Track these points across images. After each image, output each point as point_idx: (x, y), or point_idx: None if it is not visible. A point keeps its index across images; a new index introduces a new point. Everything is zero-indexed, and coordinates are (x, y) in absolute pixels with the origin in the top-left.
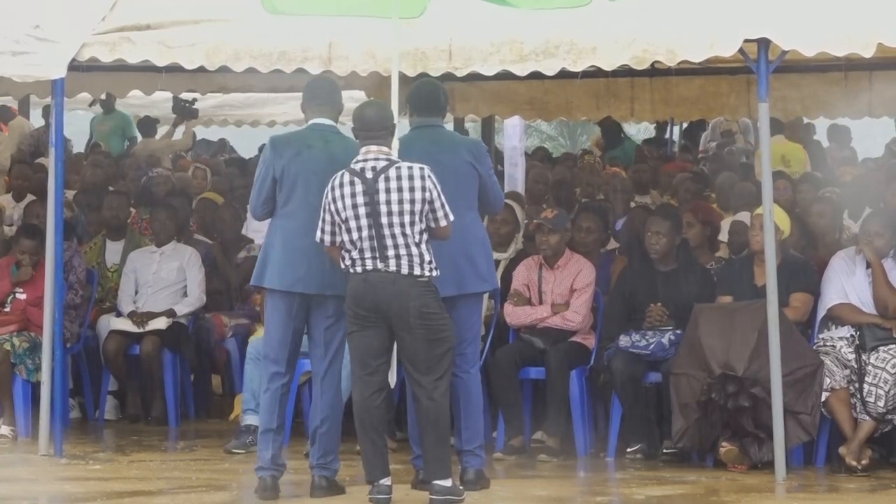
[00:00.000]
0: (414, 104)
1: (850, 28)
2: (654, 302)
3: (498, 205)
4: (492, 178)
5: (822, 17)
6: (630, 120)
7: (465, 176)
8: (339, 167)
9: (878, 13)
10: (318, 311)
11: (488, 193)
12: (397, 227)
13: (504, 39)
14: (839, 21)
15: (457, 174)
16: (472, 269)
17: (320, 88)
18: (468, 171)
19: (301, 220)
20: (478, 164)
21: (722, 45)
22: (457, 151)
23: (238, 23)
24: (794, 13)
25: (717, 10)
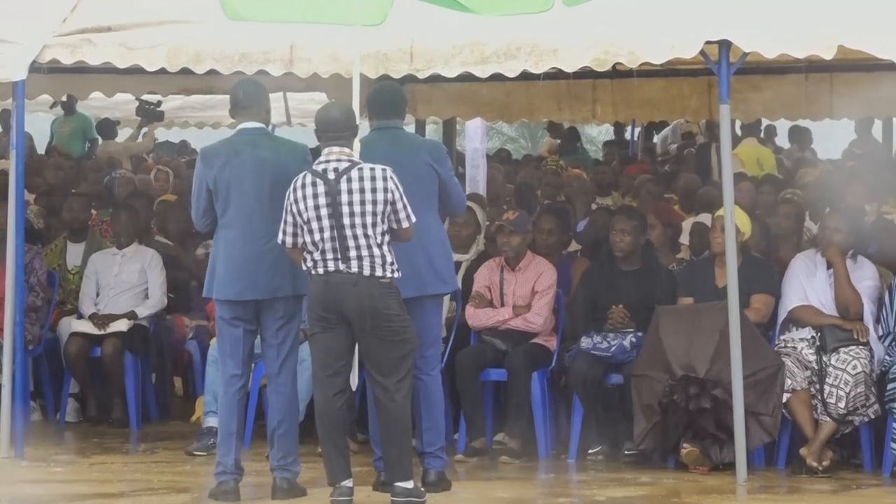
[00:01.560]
0: (373, 106)
1: (811, 30)
2: (616, 303)
3: (459, 207)
4: (452, 180)
5: (782, 20)
6: (592, 121)
7: (425, 177)
8: (270, 171)
9: (838, 15)
10: (268, 314)
11: (450, 195)
12: (359, 228)
13: (466, 41)
14: (800, 23)
15: (416, 176)
16: (431, 270)
17: (245, 92)
18: (428, 173)
19: (238, 227)
20: (438, 165)
21: (683, 47)
22: (416, 153)
23: (199, 25)
24: (755, 15)
25: (678, 13)
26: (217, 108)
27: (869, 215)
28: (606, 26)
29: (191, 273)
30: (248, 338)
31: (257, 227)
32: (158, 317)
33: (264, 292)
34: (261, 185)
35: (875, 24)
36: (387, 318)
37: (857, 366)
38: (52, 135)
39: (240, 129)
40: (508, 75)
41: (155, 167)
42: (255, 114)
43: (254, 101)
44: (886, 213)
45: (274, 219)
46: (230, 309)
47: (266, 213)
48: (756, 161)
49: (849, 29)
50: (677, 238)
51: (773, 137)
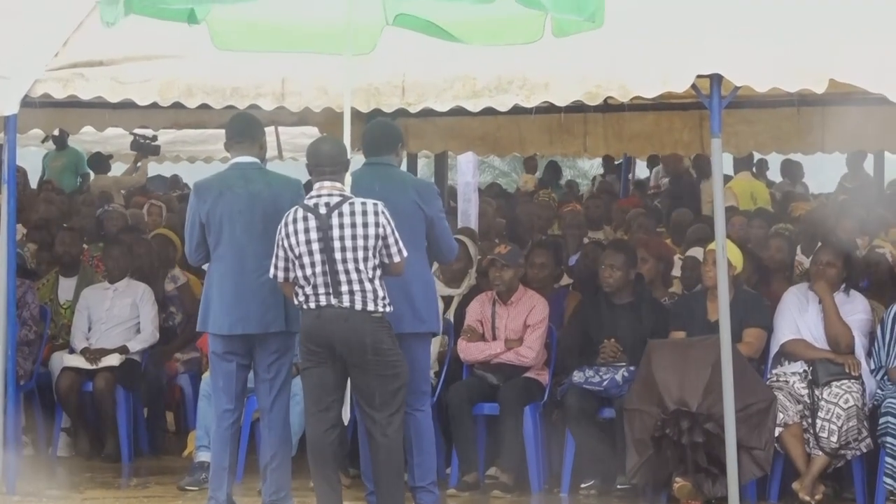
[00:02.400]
0: (365, 143)
1: (803, 64)
2: (609, 337)
3: (448, 253)
4: (442, 223)
5: (774, 54)
6: (583, 155)
7: (411, 216)
8: (263, 205)
9: (829, 49)
10: (261, 349)
11: (438, 239)
12: (351, 263)
13: (457, 75)
14: (791, 57)
15: (402, 213)
16: (409, 308)
17: (239, 125)
18: (414, 212)
19: (230, 261)
20: (424, 204)
21: (674, 81)
22: (404, 191)
23: (191, 59)
24: (747, 49)
25: (669, 46)
26: (209, 142)
27: (861, 249)
28: (597, 60)
29: (164, 307)
30: (241, 372)
31: (249, 261)
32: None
33: (256, 326)
34: (253, 220)
35: (866, 58)
36: (378, 353)
37: (849, 399)
38: (44, 169)
39: (233, 164)
40: (500, 109)
41: (147, 202)
42: (248, 148)
43: (247, 135)
44: (878, 247)
45: (266, 253)
46: (223, 343)
47: (258, 248)
48: (750, 195)
49: (840, 63)
50: (669, 272)
51: (764, 171)
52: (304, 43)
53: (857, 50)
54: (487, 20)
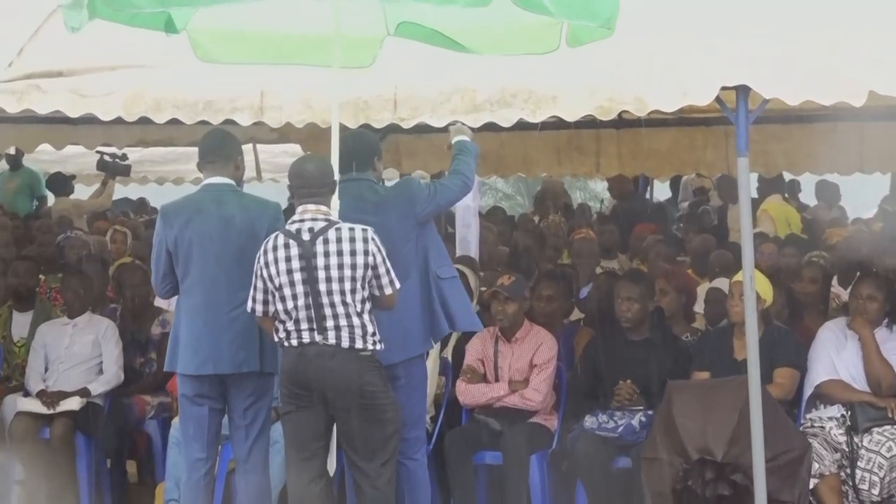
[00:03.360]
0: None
1: (839, 75)
2: (624, 378)
3: (470, 176)
4: (440, 190)
5: (807, 63)
6: (596, 176)
7: (399, 239)
8: (237, 230)
9: (869, 58)
10: (236, 391)
11: (450, 193)
12: (337, 296)
13: (455, 87)
14: (827, 67)
15: (387, 237)
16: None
17: (213, 143)
18: (402, 233)
19: (200, 293)
20: (410, 208)
21: (696, 94)
22: (385, 208)
23: (160, 69)
24: (777, 58)
25: (690, 55)
26: (179, 161)
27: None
28: (610, 70)
29: (144, 351)
30: (214, 417)
31: (222, 294)
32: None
33: (229, 366)
34: (226, 247)
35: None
36: (368, 395)
37: (892, 447)
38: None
39: (205, 185)
40: (503, 125)
41: (111, 227)
42: (222, 168)
43: (222, 154)
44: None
45: (241, 284)
46: (193, 385)
47: (232, 278)
48: (785, 220)
49: (881, 73)
50: (691, 305)
51: (796, 193)
52: (294, 54)
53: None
54: (500, 29)
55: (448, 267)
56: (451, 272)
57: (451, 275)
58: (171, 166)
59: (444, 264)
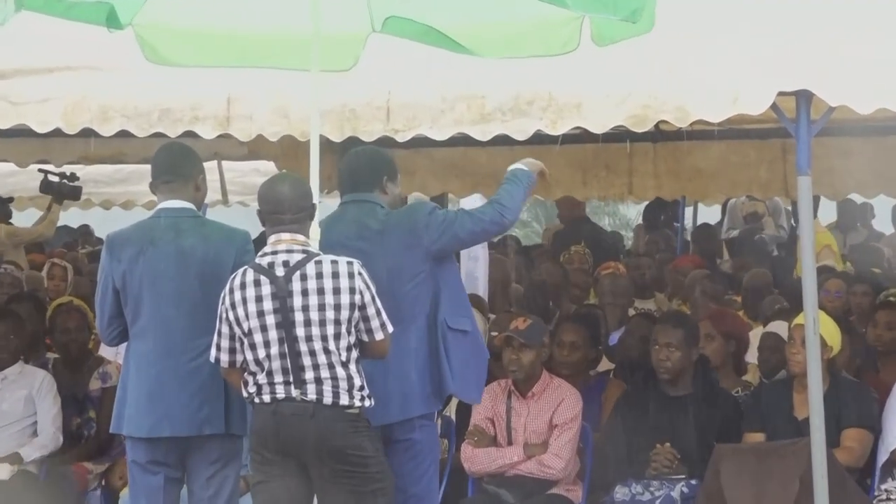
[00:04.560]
0: (341, 176)
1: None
2: (662, 441)
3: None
4: (458, 218)
5: (881, 65)
6: (628, 198)
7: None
8: (198, 265)
9: None
10: (196, 457)
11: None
12: (317, 342)
13: (460, 93)
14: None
15: (389, 271)
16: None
17: (169, 160)
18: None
19: (154, 340)
20: (419, 236)
21: (749, 100)
22: (388, 237)
23: (107, 72)
24: (845, 59)
25: (741, 55)
26: (129, 181)
27: None
28: (646, 73)
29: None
30: (170, 488)
31: (179, 340)
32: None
33: (188, 427)
34: (185, 284)
35: None
36: (355, 462)
37: None
38: None
39: (159, 210)
40: (517, 138)
41: (48, 261)
42: (180, 189)
43: (179, 173)
44: None
45: (202, 329)
46: (146, 450)
47: (192, 322)
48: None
49: None
50: (743, 354)
51: (869, 219)
52: (264, 57)
53: None
54: (506, 25)
55: (463, 317)
56: (464, 324)
57: (461, 327)
58: (120, 187)
59: (458, 313)
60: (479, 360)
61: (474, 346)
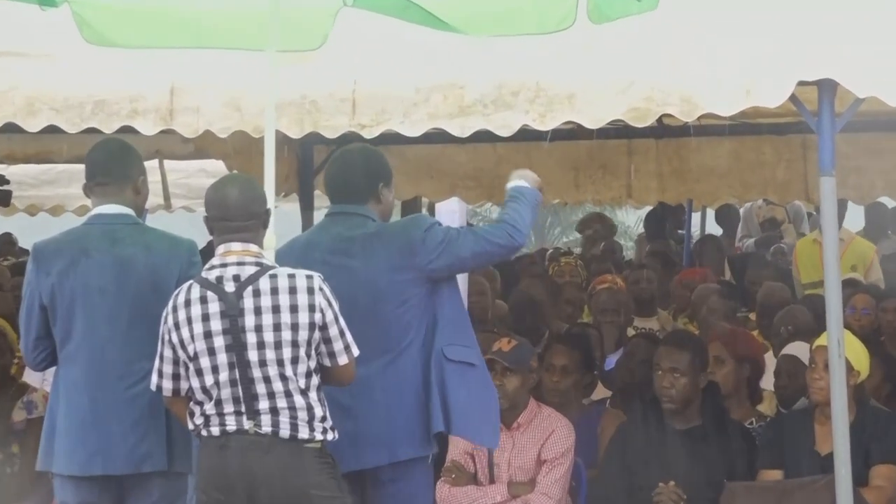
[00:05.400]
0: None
1: None
2: (665, 479)
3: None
4: (461, 237)
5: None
6: (627, 203)
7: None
8: (137, 279)
9: None
10: (135, 498)
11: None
12: (273, 367)
13: (435, 82)
14: None
15: (372, 290)
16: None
17: (104, 159)
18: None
19: (86, 364)
20: (416, 254)
21: (765, 91)
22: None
23: (33, 58)
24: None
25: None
26: (58, 183)
27: None
28: (648, 59)
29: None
30: None
31: (115, 365)
32: None
33: (125, 464)
34: (123, 301)
35: None
36: (317, 502)
37: None
38: None
39: (93, 216)
40: (500, 134)
41: None
42: (116, 192)
43: (116, 174)
44: None
45: (142, 352)
46: (77, 490)
47: (130, 344)
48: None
49: None
50: (758, 380)
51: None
52: (218, 38)
53: None
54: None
55: (465, 347)
56: (467, 356)
57: (464, 359)
58: (47, 190)
59: (459, 343)
60: (489, 396)
61: (482, 382)
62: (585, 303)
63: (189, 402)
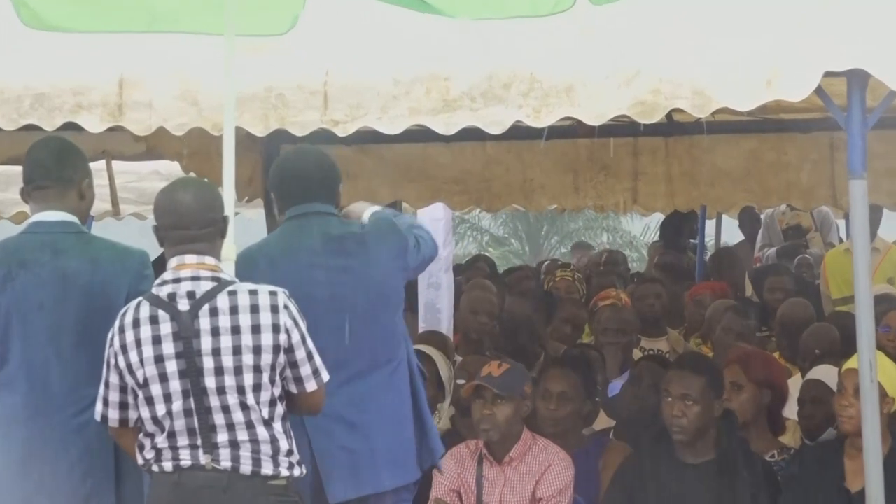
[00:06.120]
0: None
1: None
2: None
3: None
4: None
5: None
6: (632, 209)
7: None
8: (81, 295)
9: None
10: None
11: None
12: (232, 395)
13: (417, 74)
14: None
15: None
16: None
17: (44, 160)
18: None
19: (23, 391)
20: (399, 257)
21: (787, 83)
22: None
23: None
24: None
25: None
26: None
27: None
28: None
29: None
30: None
31: (57, 392)
32: None
33: (69, 502)
34: (65, 319)
35: None
36: None
37: None
38: None
39: (32, 224)
40: (490, 131)
41: None
42: (58, 198)
43: (57, 177)
44: None
45: (87, 377)
46: None
47: (74, 367)
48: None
49: None
50: (780, 408)
51: None
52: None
53: None
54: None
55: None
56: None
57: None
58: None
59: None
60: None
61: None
62: (586, 321)
63: (138, 434)
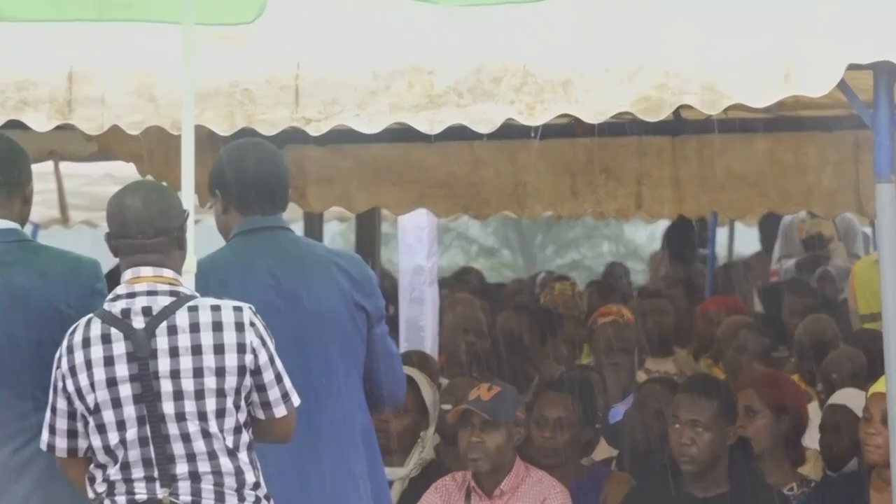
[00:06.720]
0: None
1: None
2: None
3: (397, 393)
4: (386, 338)
5: None
6: (636, 215)
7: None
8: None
9: None
10: None
11: (380, 369)
12: (193, 422)
13: (398, 67)
14: None
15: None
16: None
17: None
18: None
19: None
20: (365, 298)
21: (807, 77)
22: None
23: None
24: None
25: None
26: None
27: None
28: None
29: None
30: None
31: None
32: None
33: None
34: (10, 338)
35: None
36: None
37: None
38: None
39: None
40: (478, 130)
41: None
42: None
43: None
44: None
45: (36, 402)
46: None
47: (19, 393)
48: None
49: None
50: (800, 435)
51: None
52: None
53: None
54: None
55: None
56: None
57: None
58: None
59: None
60: None
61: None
62: (585, 340)
63: (89, 465)
